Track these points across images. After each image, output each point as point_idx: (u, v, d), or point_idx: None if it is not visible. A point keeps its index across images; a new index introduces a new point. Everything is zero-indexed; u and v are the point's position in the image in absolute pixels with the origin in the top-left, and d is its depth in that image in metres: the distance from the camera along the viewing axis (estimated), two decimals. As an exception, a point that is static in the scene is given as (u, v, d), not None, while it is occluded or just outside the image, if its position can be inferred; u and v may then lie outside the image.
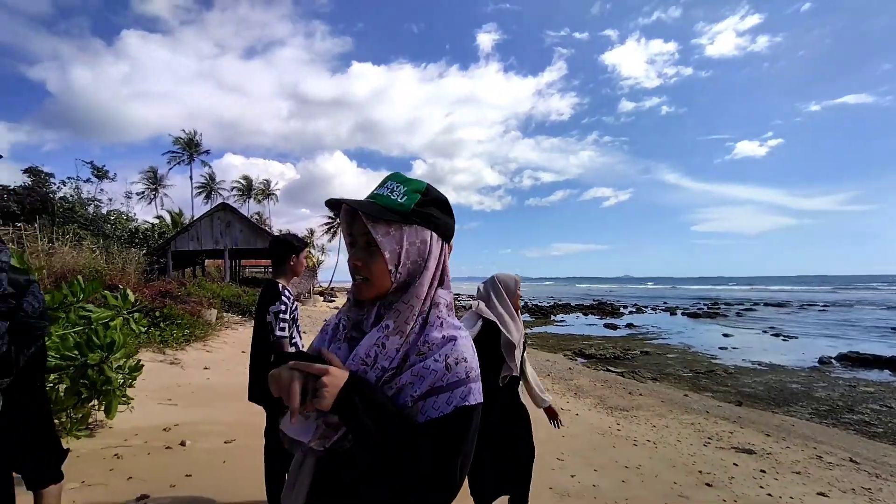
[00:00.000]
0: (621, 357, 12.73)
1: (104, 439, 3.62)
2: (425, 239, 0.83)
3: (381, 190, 0.84)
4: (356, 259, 0.83)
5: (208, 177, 49.95)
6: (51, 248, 10.10)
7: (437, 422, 0.77)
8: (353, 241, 0.85)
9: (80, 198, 25.46)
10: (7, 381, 0.93)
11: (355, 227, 0.84)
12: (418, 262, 0.83)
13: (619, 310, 31.80)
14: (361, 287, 0.83)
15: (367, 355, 0.79)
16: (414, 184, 0.84)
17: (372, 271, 0.81)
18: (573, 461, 4.03)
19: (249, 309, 14.13)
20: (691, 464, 4.25)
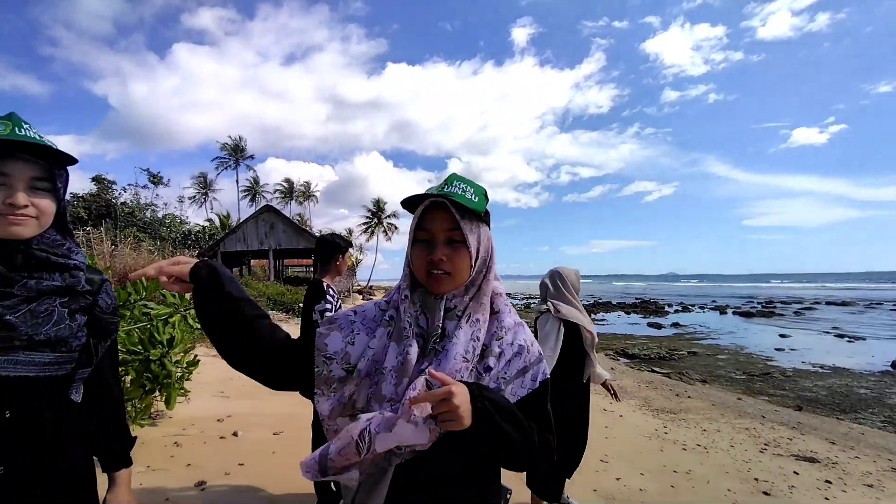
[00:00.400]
0: (667, 357, 12.23)
1: (165, 428, 3.87)
2: (489, 236, 0.92)
3: (454, 189, 0.87)
4: (442, 254, 0.85)
5: (253, 180, 52.32)
6: (114, 249, 10.90)
7: (528, 399, 0.88)
8: (431, 236, 0.87)
9: (138, 203, 27.36)
10: (87, 372, 0.99)
11: (436, 224, 0.87)
12: (485, 258, 0.90)
13: (664, 308, 30.54)
14: (441, 281, 0.86)
15: (467, 351, 0.84)
16: (477, 186, 0.91)
17: (456, 266, 0.86)
18: (618, 464, 3.91)
19: (293, 307, 14.68)
20: (746, 471, 4.02)
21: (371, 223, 49.77)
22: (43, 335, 0.90)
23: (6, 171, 0.86)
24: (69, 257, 0.98)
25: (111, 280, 5.31)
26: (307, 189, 56.05)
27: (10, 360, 0.87)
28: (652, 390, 7.88)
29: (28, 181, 0.89)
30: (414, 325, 0.87)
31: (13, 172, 0.87)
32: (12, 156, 0.86)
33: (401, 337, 0.87)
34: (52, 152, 0.91)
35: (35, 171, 0.90)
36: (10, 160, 0.86)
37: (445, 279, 0.86)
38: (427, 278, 0.87)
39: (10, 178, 0.87)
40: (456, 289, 0.88)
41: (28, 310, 0.89)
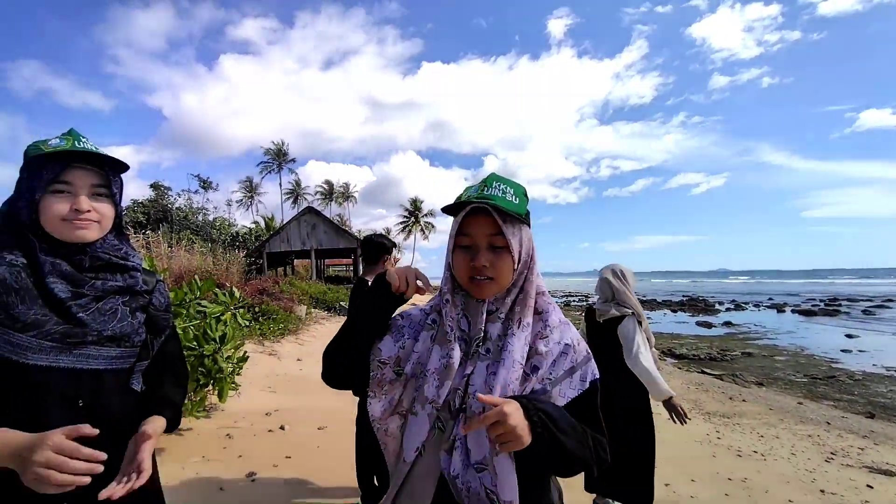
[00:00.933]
0: (718, 358, 11.59)
1: (218, 420, 4.08)
2: (530, 237, 0.90)
3: (493, 191, 0.85)
4: (485, 260, 0.84)
5: (295, 183, 54.33)
6: (170, 251, 11.62)
7: (579, 400, 0.87)
8: (473, 242, 0.87)
9: (191, 207, 29.03)
10: (145, 364, 1.07)
11: (477, 229, 0.86)
12: (527, 259, 0.88)
13: (714, 306, 29.02)
14: (484, 286, 0.85)
15: (522, 356, 0.84)
16: (517, 186, 0.89)
17: (499, 271, 0.85)
18: (666, 469, 3.74)
19: (334, 305, 15.11)
20: (810, 481, 3.74)
21: (408, 222, 50.40)
22: (110, 331, 0.97)
23: (70, 179, 0.93)
24: (128, 259, 1.05)
25: (168, 280, 5.63)
26: (346, 190, 57.53)
27: (83, 354, 0.94)
28: (702, 392, 7.50)
29: (89, 188, 0.96)
30: (456, 329, 0.88)
31: (76, 181, 0.94)
32: (74, 165, 0.94)
33: (444, 340, 0.88)
34: (108, 160, 0.98)
35: (95, 178, 0.97)
36: (72, 170, 0.94)
37: (488, 284, 0.85)
38: (469, 283, 0.87)
39: (73, 186, 0.94)
40: (499, 292, 0.88)
41: (96, 308, 0.96)
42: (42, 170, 0.92)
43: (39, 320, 0.89)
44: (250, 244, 29.33)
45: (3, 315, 0.87)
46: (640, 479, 2.37)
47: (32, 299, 0.89)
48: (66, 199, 0.93)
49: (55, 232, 0.93)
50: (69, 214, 0.93)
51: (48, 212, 0.92)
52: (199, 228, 26.50)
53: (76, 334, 0.92)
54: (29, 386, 0.89)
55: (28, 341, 0.88)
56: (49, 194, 0.92)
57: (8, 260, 0.89)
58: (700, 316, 23.57)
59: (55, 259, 0.93)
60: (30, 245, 0.92)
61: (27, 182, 0.92)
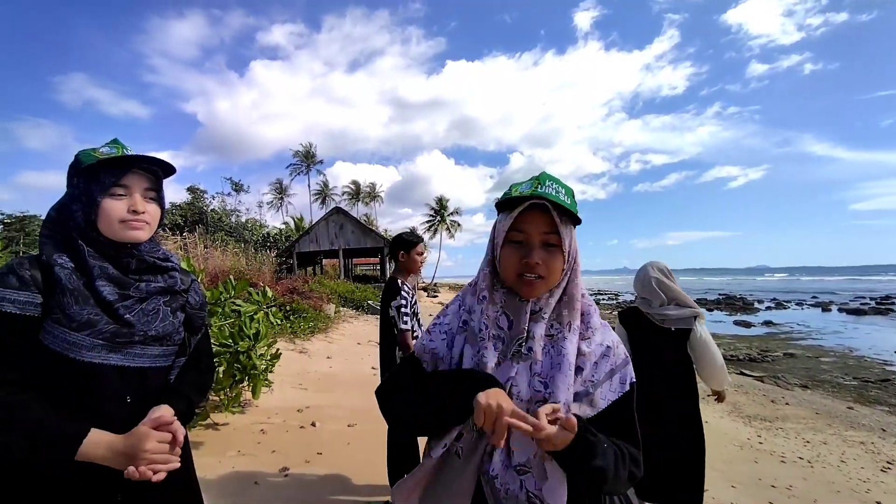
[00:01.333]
0: (759, 359, 11.09)
1: (252, 416, 4.19)
2: (575, 237, 0.88)
3: (547, 189, 0.84)
4: (538, 257, 0.83)
5: (323, 184, 55.42)
6: (206, 252, 12.05)
7: (619, 403, 0.86)
8: (526, 238, 0.85)
9: (225, 209, 30.06)
10: (183, 361, 1.12)
11: (532, 226, 0.84)
12: (572, 260, 0.88)
13: (753, 305, 27.83)
14: (535, 285, 0.84)
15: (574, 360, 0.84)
16: (568, 187, 0.88)
17: (550, 269, 0.83)
18: (707, 474, 3.60)
19: (361, 304, 15.31)
20: (864, 491, 3.52)
21: (434, 221, 50.51)
22: (153, 331, 1.01)
23: (127, 182, 0.99)
24: (168, 259, 1.10)
25: (204, 280, 5.86)
26: (373, 190, 58.19)
27: (130, 353, 0.99)
28: (742, 395, 7.18)
29: (143, 191, 1.02)
30: (492, 328, 0.86)
31: (131, 184, 1.00)
32: (131, 169, 1.00)
33: (474, 339, 0.87)
34: (159, 164, 1.04)
35: (147, 182, 1.03)
36: (129, 174, 0.99)
37: (538, 283, 0.84)
38: (517, 281, 0.85)
39: (129, 188, 1.00)
40: (545, 292, 0.86)
41: (140, 309, 1.00)
42: (100, 174, 0.97)
43: (92, 320, 0.93)
44: (281, 244, 30.12)
45: (60, 315, 0.91)
46: (690, 485, 2.28)
47: (85, 300, 0.93)
48: (124, 202, 0.98)
49: (111, 233, 0.98)
50: (126, 216, 0.98)
51: (107, 214, 0.97)
52: (232, 230, 27.43)
53: (124, 334, 0.97)
54: (83, 382, 0.93)
55: (82, 339, 0.92)
56: (108, 197, 0.97)
57: (60, 263, 0.94)
58: (738, 315, 22.63)
59: (102, 262, 0.97)
60: (78, 249, 0.96)
61: (84, 186, 0.97)
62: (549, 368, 0.83)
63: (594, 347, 0.87)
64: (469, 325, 0.90)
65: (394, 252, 2.76)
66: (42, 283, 0.92)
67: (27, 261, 0.95)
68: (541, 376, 0.83)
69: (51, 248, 0.96)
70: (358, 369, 6.80)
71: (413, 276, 2.78)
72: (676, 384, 2.25)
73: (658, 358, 2.30)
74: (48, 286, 0.93)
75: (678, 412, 2.26)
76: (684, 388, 2.25)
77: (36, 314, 0.91)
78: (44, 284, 0.93)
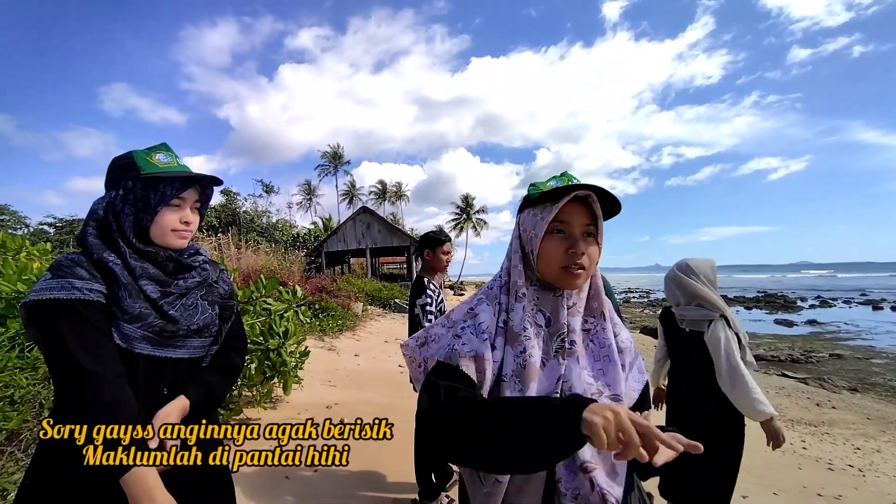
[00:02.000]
0: (802, 360, 10.55)
1: (283, 412, 4.30)
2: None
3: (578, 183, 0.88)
4: (582, 248, 0.83)
5: (350, 184, 56.26)
6: (239, 253, 12.45)
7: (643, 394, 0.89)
8: (567, 229, 0.85)
9: (256, 211, 31.00)
10: (215, 349, 1.17)
11: (574, 217, 0.84)
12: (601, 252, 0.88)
13: (795, 303, 26.51)
14: (580, 276, 0.83)
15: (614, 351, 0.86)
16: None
17: (592, 260, 0.84)
18: (745, 479, 3.43)
19: (388, 302, 15.47)
20: (923, 503, 3.28)
21: (460, 219, 50.48)
22: (195, 325, 1.07)
23: (185, 196, 1.06)
24: (198, 252, 1.16)
25: (237, 279, 6.05)
26: (399, 189, 58.68)
27: (175, 346, 1.05)
28: (784, 397, 6.85)
29: (192, 203, 1.09)
30: (533, 325, 0.85)
31: (188, 197, 1.07)
32: (192, 185, 1.07)
33: (515, 338, 0.84)
34: (214, 181, 1.10)
35: (197, 195, 1.10)
36: (187, 188, 1.06)
37: (582, 274, 0.84)
38: (561, 274, 0.84)
39: (187, 202, 1.07)
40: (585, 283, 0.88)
41: (181, 304, 1.06)
42: (160, 185, 1.02)
43: (143, 313, 0.99)
44: (310, 244, 30.80)
45: (116, 308, 0.96)
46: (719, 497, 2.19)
47: (136, 294, 0.98)
48: (177, 213, 1.05)
49: (160, 239, 1.04)
50: (179, 226, 1.05)
51: (162, 223, 1.02)
52: (263, 230, 28.27)
53: (170, 329, 1.02)
54: (136, 374, 0.98)
55: (134, 332, 0.97)
56: (166, 207, 1.03)
57: (110, 260, 0.98)
58: (779, 313, 21.61)
59: (143, 264, 1.02)
60: (121, 251, 1.00)
61: (141, 193, 1.01)
62: (594, 361, 0.84)
63: (626, 341, 0.90)
64: (508, 324, 0.85)
65: (420, 250, 2.77)
66: (101, 278, 0.97)
67: (84, 256, 0.98)
68: (590, 371, 0.83)
69: (98, 248, 1.00)
70: (385, 367, 6.87)
71: (440, 275, 2.78)
72: (697, 384, 2.16)
73: (685, 358, 2.24)
74: (106, 280, 0.98)
75: (700, 413, 2.19)
76: (704, 388, 2.16)
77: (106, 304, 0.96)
78: (104, 278, 0.98)
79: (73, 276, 0.93)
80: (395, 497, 2.79)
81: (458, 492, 1.66)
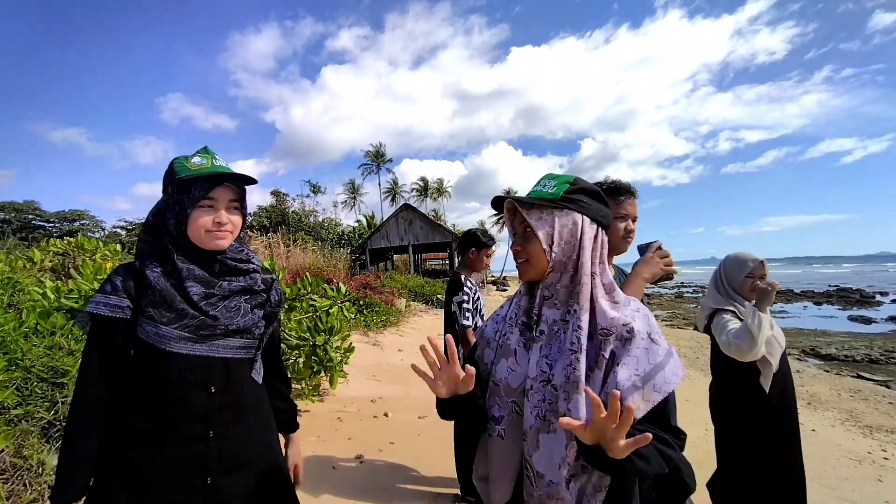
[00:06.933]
0: (882, 361, 9.59)
1: (330, 404, 4.45)
2: (576, 221, 0.90)
3: (536, 187, 0.97)
4: (516, 245, 0.95)
5: (392, 182, 57.23)
6: (288, 251, 13.00)
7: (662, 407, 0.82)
8: (514, 231, 0.99)
9: (304, 210, 32.26)
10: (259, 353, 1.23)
11: (516, 220, 0.98)
12: (571, 241, 0.90)
13: (874, 298, 24.12)
14: (523, 269, 0.95)
15: (572, 342, 0.85)
16: (563, 178, 0.95)
17: (530, 253, 0.92)
18: (815, 490, 3.16)
19: (431, 298, 15.61)
20: None
21: (502, 215, 50.08)
22: (235, 325, 1.11)
23: (214, 196, 1.08)
24: (250, 261, 1.19)
25: (287, 276, 6.35)
26: (440, 186, 59.00)
27: (214, 345, 1.09)
28: (860, 402, 6.25)
29: (227, 203, 1.11)
30: (521, 314, 0.97)
31: (218, 197, 1.09)
32: (219, 184, 1.08)
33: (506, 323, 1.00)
34: (242, 178, 1.12)
35: (232, 194, 1.12)
36: (216, 188, 1.08)
37: (525, 266, 0.94)
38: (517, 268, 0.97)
39: (216, 202, 1.09)
40: (539, 274, 0.92)
41: (224, 305, 1.11)
42: (191, 187, 1.06)
43: (180, 315, 1.04)
44: (354, 242, 31.66)
45: (153, 311, 1.03)
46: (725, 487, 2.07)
47: (172, 298, 1.04)
48: (210, 213, 1.08)
49: (199, 241, 1.08)
50: (212, 227, 1.08)
51: (195, 224, 1.07)
52: (311, 229, 29.37)
53: (209, 326, 1.07)
54: (171, 371, 1.04)
55: (170, 332, 1.04)
56: (197, 209, 1.07)
57: (150, 267, 1.06)
58: (854, 309, 19.77)
59: (190, 265, 1.08)
60: (169, 253, 1.07)
61: (176, 196, 1.07)
62: (556, 352, 0.88)
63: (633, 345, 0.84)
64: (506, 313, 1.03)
65: (465, 247, 2.75)
66: (134, 288, 1.05)
67: (122, 269, 1.09)
68: (548, 358, 0.88)
69: (146, 254, 1.09)
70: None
71: (476, 273, 2.77)
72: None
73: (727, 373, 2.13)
74: (140, 288, 1.05)
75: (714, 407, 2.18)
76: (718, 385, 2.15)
77: (125, 316, 1.04)
78: (136, 288, 1.06)
79: (100, 292, 1.05)
80: (438, 491, 2.81)
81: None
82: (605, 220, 0.93)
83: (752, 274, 2.05)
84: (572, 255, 0.89)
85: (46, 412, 2.15)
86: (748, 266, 2.07)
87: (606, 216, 0.93)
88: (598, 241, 0.91)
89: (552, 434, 0.83)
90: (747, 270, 2.06)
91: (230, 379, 1.11)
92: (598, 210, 0.92)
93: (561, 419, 0.72)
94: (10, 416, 2.04)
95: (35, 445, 2.04)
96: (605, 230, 0.93)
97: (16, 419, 2.05)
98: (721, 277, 2.15)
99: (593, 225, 0.91)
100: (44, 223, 32.20)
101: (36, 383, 2.19)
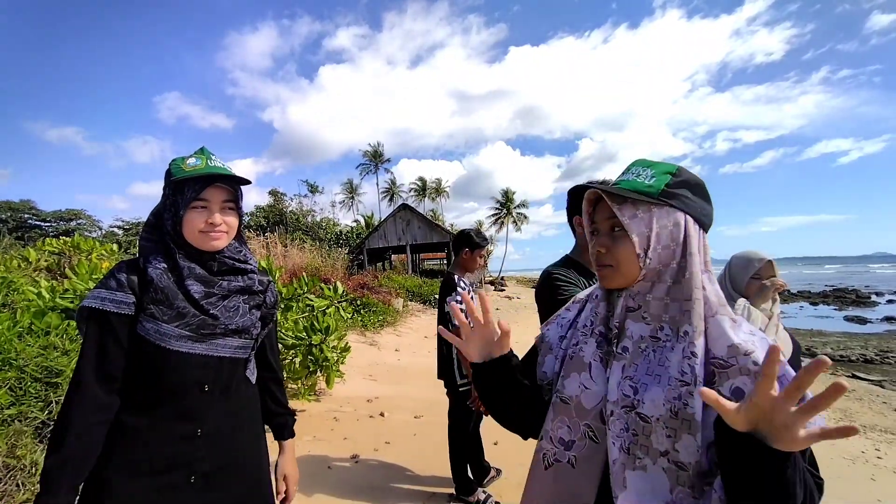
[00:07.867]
0: (877, 361, 9.65)
1: (326, 404, 4.45)
2: (678, 221, 0.75)
3: (626, 175, 0.80)
4: (600, 245, 0.79)
5: (390, 182, 57.15)
6: (285, 251, 12.98)
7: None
8: (596, 228, 0.83)
9: (302, 210, 32.19)
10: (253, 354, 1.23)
11: (598, 214, 0.82)
12: (671, 246, 0.74)
13: (869, 298, 24.25)
14: (606, 275, 0.79)
15: (682, 372, 0.69)
16: (662, 166, 0.78)
17: (618, 258, 0.77)
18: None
19: (428, 298, 15.61)
20: None
21: (500, 214, 50.06)
22: (234, 325, 1.12)
23: (206, 197, 1.08)
24: (247, 262, 1.20)
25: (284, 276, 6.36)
26: (438, 185, 58.93)
27: (213, 344, 1.10)
28: (854, 401, 6.30)
29: (221, 203, 1.11)
30: (598, 323, 0.82)
31: (211, 198, 1.09)
32: (210, 184, 1.08)
33: (578, 332, 0.85)
34: (236, 178, 1.12)
35: (225, 195, 1.12)
36: (208, 189, 1.08)
37: (610, 273, 0.79)
38: (598, 271, 0.82)
39: (209, 202, 1.09)
40: (627, 283, 0.77)
41: (223, 305, 1.11)
42: (185, 188, 1.07)
43: (181, 312, 1.05)
44: (352, 241, 31.62)
45: (154, 309, 1.04)
46: None
47: (174, 296, 1.05)
48: (204, 214, 1.08)
49: (194, 241, 1.09)
50: (206, 227, 1.08)
51: (189, 225, 1.07)
52: (308, 229, 29.31)
53: (209, 325, 1.08)
54: (169, 369, 1.05)
55: (171, 331, 1.04)
56: (190, 210, 1.07)
57: (153, 264, 1.06)
58: (850, 309, 19.87)
59: (191, 264, 1.09)
60: (171, 251, 1.08)
61: (172, 198, 1.08)
62: (643, 374, 0.73)
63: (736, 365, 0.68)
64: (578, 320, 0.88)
65: (458, 247, 2.75)
66: (137, 284, 1.05)
67: (125, 265, 1.09)
68: (633, 381, 0.73)
69: (148, 251, 1.09)
70: (425, 362, 6.94)
71: (471, 273, 2.77)
72: None
73: None
74: (143, 285, 1.05)
75: None
76: None
77: (129, 312, 1.03)
78: (139, 284, 1.05)
79: (103, 287, 1.04)
80: (433, 491, 2.82)
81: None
82: (708, 220, 0.78)
83: (759, 275, 1.91)
84: (671, 263, 0.75)
85: (40, 412, 2.15)
86: (754, 266, 1.93)
87: (709, 216, 0.79)
88: (704, 246, 0.77)
89: (640, 472, 0.70)
90: (753, 271, 1.92)
91: (224, 378, 1.12)
92: (702, 209, 0.77)
93: (702, 389, 0.58)
94: (4, 416, 2.03)
95: (28, 445, 2.04)
96: (706, 232, 0.78)
97: (9, 419, 2.05)
98: (726, 279, 2.01)
99: (696, 225, 0.76)
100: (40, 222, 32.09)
101: (30, 383, 2.18)
